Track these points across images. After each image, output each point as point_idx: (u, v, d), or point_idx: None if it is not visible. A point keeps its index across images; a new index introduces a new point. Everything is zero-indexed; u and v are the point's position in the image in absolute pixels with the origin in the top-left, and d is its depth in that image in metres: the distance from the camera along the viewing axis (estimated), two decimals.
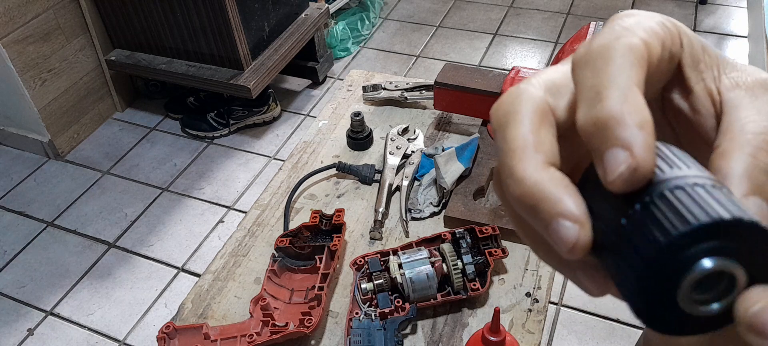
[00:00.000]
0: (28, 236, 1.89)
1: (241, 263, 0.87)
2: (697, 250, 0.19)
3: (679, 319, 0.20)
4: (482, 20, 2.71)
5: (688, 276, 0.19)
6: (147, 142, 2.21)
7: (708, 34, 2.53)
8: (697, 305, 0.20)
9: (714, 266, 0.19)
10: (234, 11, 1.87)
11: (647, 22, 0.23)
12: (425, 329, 0.76)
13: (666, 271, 0.19)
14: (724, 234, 0.19)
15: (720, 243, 0.19)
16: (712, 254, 0.19)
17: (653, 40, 0.22)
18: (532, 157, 0.21)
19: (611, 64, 0.20)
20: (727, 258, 0.19)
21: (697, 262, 0.19)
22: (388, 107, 1.10)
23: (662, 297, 0.20)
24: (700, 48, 0.24)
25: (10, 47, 1.90)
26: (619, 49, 0.21)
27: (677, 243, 0.19)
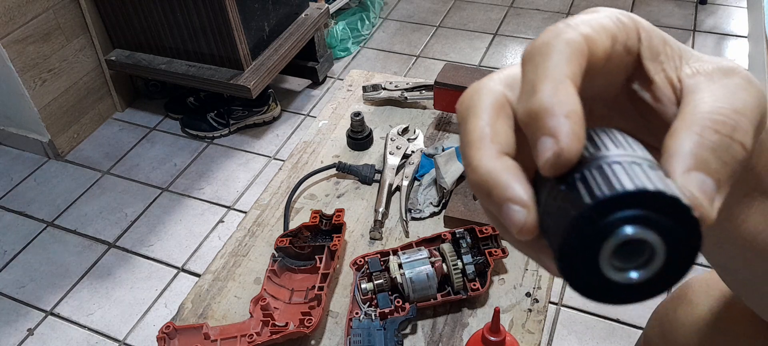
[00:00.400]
0: (28, 236, 1.89)
1: (241, 263, 0.87)
2: (620, 216, 0.20)
3: (601, 284, 0.21)
4: (482, 20, 2.71)
5: (610, 240, 0.20)
6: (147, 142, 2.21)
7: (708, 34, 2.53)
8: (618, 271, 0.21)
9: (633, 233, 0.20)
10: (234, 11, 1.87)
11: (596, 17, 0.24)
12: (425, 329, 0.76)
13: (589, 232, 0.20)
14: (648, 205, 0.20)
15: (644, 214, 0.20)
16: (635, 223, 0.20)
17: (598, 34, 0.23)
18: (487, 148, 0.23)
19: (548, 60, 0.22)
20: (648, 229, 0.20)
21: (619, 227, 0.20)
22: (388, 107, 1.10)
23: (585, 260, 0.21)
24: (661, 41, 0.25)
25: (10, 47, 1.89)
26: (556, 46, 0.22)
27: (601, 205, 0.20)
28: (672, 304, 0.71)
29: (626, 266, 0.21)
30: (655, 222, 0.20)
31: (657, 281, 0.22)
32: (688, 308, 0.67)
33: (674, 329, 0.69)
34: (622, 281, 0.21)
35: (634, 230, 0.20)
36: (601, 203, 0.20)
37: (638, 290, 0.22)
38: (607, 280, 0.21)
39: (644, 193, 0.20)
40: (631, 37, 0.25)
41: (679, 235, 0.21)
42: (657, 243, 0.21)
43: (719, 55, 2.41)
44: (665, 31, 0.27)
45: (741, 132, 0.22)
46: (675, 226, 0.20)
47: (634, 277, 0.21)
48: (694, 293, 0.67)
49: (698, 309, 0.66)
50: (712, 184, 0.21)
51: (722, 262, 0.36)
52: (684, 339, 0.67)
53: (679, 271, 0.22)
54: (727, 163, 0.21)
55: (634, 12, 2.71)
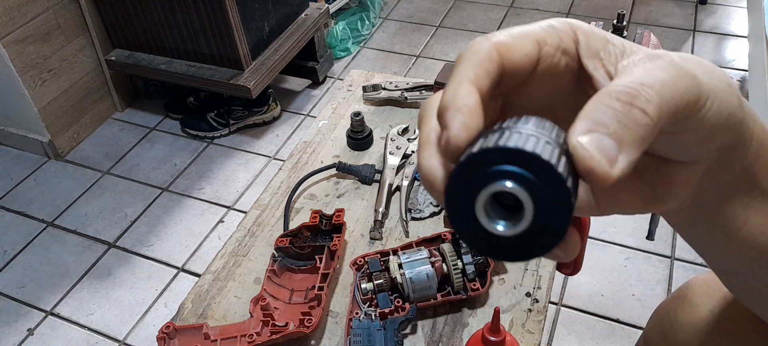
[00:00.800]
0: (28, 236, 1.89)
1: (241, 263, 0.87)
2: (498, 169, 0.23)
3: (475, 230, 0.24)
4: (482, 20, 2.71)
5: (486, 187, 0.23)
6: (147, 142, 2.21)
7: (708, 34, 2.53)
8: (489, 219, 0.24)
9: (506, 187, 0.23)
10: (234, 11, 1.87)
11: (520, 27, 0.28)
12: (425, 329, 0.76)
13: (469, 177, 0.23)
14: (525, 165, 0.22)
15: (519, 172, 0.22)
16: (509, 178, 0.23)
17: (516, 40, 0.27)
18: (431, 149, 0.26)
19: (457, 67, 0.26)
20: (520, 186, 0.23)
21: (495, 179, 0.23)
22: (388, 107, 1.10)
23: (464, 203, 0.24)
24: (601, 40, 0.28)
25: (10, 47, 1.89)
26: (465, 55, 0.26)
27: (482, 154, 0.23)
28: (672, 304, 0.71)
29: (497, 217, 0.24)
30: (528, 181, 0.22)
31: (525, 240, 0.24)
32: (689, 308, 0.67)
33: (675, 330, 0.69)
34: (492, 230, 0.24)
35: (507, 184, 0.23)
36: (483, 152, 0.23)
37: (508, 245, 0.24)
38: (480, 226, 0.24)
39: (520, 152, 0.22)
40: (565, 40, 0.28)
41: (549, 198, 0.22)
42: (526, 201, 0.23)
43: (719, 55, 2.41)
44: (665, 31, 0.27)
45: (642, 100, 0.23)
46: (544, 188, 0.22)
47: (500, 228, 0.24)
48: (694, 294, 0.67)
49: (699, 310, 0.66)
50: (611, 143, 0.23)
51: (726, 267, 0.37)
52: (684, 340, 0.67)
53: (547, 236, 0.23)
54: (628, 126, 0.23)
55: (634, 12, 2.71)
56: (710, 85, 0.26)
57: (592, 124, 0.23)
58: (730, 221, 0.32)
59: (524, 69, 0.27)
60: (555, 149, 0.23)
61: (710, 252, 0.36)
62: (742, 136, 0.29)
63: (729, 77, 0.28)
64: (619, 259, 1.66)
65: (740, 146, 0.29)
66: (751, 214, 0.32)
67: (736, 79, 2.28)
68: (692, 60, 0.27)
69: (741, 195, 0.31)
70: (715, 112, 0.26)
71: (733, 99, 0.27)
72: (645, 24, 2.59)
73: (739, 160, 0.30)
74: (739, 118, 0.28)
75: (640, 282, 1.60)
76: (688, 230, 0.35)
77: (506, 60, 0.27)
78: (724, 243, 0.33)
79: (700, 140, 0.27)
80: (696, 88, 0.25)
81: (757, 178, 0.31)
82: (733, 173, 0.30)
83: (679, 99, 0.25)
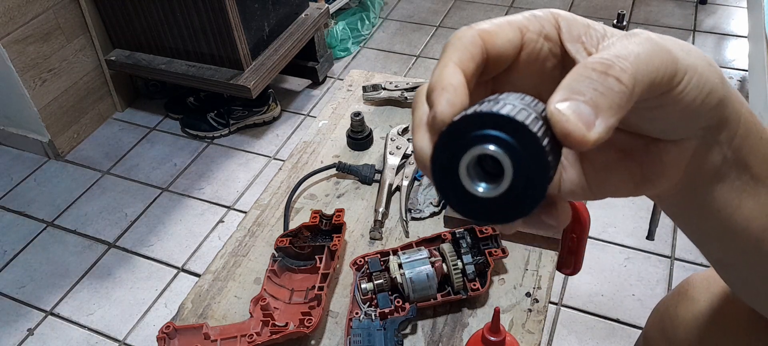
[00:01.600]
0: (28, 236, 1.89)
1: (241, 263, 0.87)
2: (480, 134, 0.24)
3: (460, 194, 0.25)
4: (482, 20, 2.71)
5: (468, 151, 0.24)
6: (147, 142, 2.21)
7: (708, 34, 2.53)
8: (471, 182, 0.25)
9: (487, 149, 0.24)
10: (234, 11, 1.87)
11: (504, 17, 0.29)
12: (425, 329, 0.76)
13: (453, 144, 0.25)
14: (503, 127, 0.24)
15: (500, 136, 0.24)
16: (491, 141, 0.24)
17: (499, 28, 0.29)
18: (422, 131, 0.28)
19: (443, 53, 0.28)
20: (501, 149, 0.24)
21: (477, 143, 0.24)
22: (388, 107, 1.10)
23: (449, 169, 0.25)
24: (583, 26, 0.30)
25: (10, 47, 1.89)
26: (451, 42, 0.28)
27: (463, 121, 0.25)
28: (673, 301, 0.71)
29: (479, 179, 0.25)
30: (506, 143, 0.24)
31: (506, 201, 0.25)
32: (689, 304, 0.67)
33: (675, 326, 0.69)
34: (474, 192, 0.25)
35: (488, 147, 0.24)
36: (462, 119, 0.24)
37: (490, 207, 0.25)
38: (464, 189, 0.25)
39: (497, 115, 0.24)
40: (547, 26, 0.30)
41: (526, 159, 0.24)
42: (505, 162, 0.24)
43: (719, 55, 2.41)
44: (665, 32, 0.28)
45: (616, 69, 0.25)
46: (522, 150, 0.24)
47: (481, 189, 0.25)
48: (694, 290, 0.67)
49: (699, 306, 0.66)
50: (587, 109, 0.24)
51: (722, 256, 0.37)
52: (684, 336, 0.67)
53: (528, 197, 0.24)
54: (603, 93, 0.24)
55: (634, 12, 2.71)
56: (688, 61, 0.27)
57: (569, 93, 0.25)
58: (723, 205, 0.32)
59: (508, 54, 0.29)
60: (532, 115, 0.24)
61: (706, 241, 0.36)
62: (727, 115, 0.30)
63: (709, 58, 0.29)
64: (619, 259, 1.66)
65: (726, 126, 0.30)
66: (744, 198, 0.32)
67: (736, 79, 2.28)
68: (670, 39, 0.28)
69: (733, 179, 0.32)
70: (695, 86, 0.27)
71: (714, 76, 0.28)
72: (645, 24, 2.59)
73: (727, 141, 0.30)
74: (721, 95, 0.28)
75: (640, 282, 1.60)
76: (683, 217, 0.35)
77: (489, 45, 0.28)
78: (719, 230, 0.33)
79: (683, 115, 0.28)
80: (672, 62, 0.26)
81: (747, 161, 0.31)
82: (723, 155, 0.31)
83: (654, 71, 0.26)
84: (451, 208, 0.26)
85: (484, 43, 0.28)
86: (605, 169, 0.31)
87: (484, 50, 0.28)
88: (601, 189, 0.31)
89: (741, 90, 2.23)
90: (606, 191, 0.31)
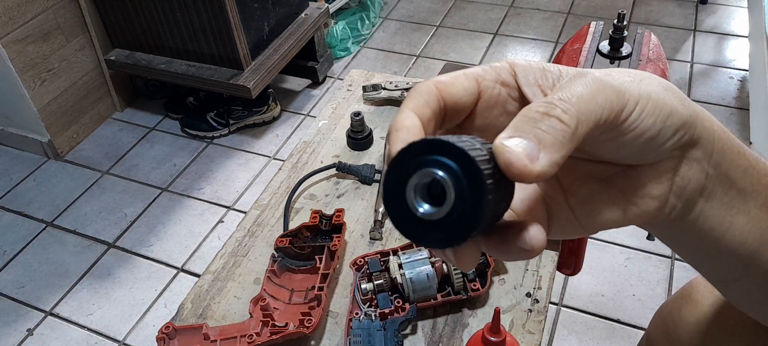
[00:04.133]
0: (28, 236, 1.89)
1: (241, 263, 0.87)
2: (428, 159, 0.26)
3: (402, 211, 0.27)
4: (482, 20, 2.71)
5: (416, 173, 0.26)
6: (147, 142, 2.20)
7: (708, 34, 2.52)
8: (415, 201, 0.27)
9: (432, 173, 0.26)
10: (234, 11, 1.87)
11: (462, 70, 0.32)
12: (425, 330, 0.76)
13: (403, 167, 0.27)
14: (452, 155, 0.26)
15: (450, 164, 0.26)
16: (435, 166, 0.26)
17: (455, 79, 0.31)
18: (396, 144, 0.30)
19: (404, 102, 0.31)
20: (444, 173, 0.26)
21: (424, 167, 0.26)
22: (388, 107, 1.10)
23: (397, 187, 0.27)
24: (539, 70, 0.31)
25: (10, 47, 1.89)
26: (409, 93, 0.31)
27: (415, 147, 0.27)
28: (676, 303, 0.71)
29: (423, 201, 0.27)
30: (451, 169, 0.26)
31: (448, 223, 0.26)
32: (693, 307, 0.67)
33: (678, 329, 0.69)
34: (417, 212, 0.27)
35: (433, 173, 0.26)
36: (415, 144, 0.27)
37: (433, 228, 0.27)
38: (408, 208, 0.27)
39: (444, 143, 0.26)
40: (503, 74, 0.32)
41: (466, 184, 0.25)
42: (448, 185, 0.26)
43: (719, 55, 2.41)
44: (665, 31, 0.28)
45: (558, 110, 0.27)
46: (463, 174, 0.25)
47: (424, 209, 0.27)
48: (698, 293, 0.67)
49: (702, 308, 0.65)
50: (531, 145, 0.26)
51: (724, 275, 0.37)
52: (688, 338, 0.66)
53: (467, 220, 0.26)
54: (547, 131, 0.26)
55: (634, 12, 2.71)
56: (640, 90, 0.29)
57: (514, 131, 0.27)
58: (716, 224, 0.33)
59: (464, 101, 0.31)
60: (478, 148, 0.26)
61: (704, 262, 0.37)
62: (698, 133, 0.31)
63: (667, 82, 0.30)
64: (619, 259, 1.66)
65: (700, 143, 0.31)
66: (734, 214, 0.33)
67: (737, 79, 2.28)
68: (618, 73, 0.30)
69: (720, 195, 0.32)
70: (650, 113, 0.29)
71: (672, 99, 0.29)
72: (645, 24, 2.58)
73: (705, 157, 0.31)
74: (684, 115, 0.30)
75: (640, 282, 1.60)
76: (678, 241, 0.36)
77: (446, 94, 0.31)
78: (715, 250, 0.34)
79: (647, 140, 0.29)
80: (617, 96, 0.28)
81: (730, 175, 0.32)
82: (705, 172, 0.31)
83: (598, 108, 0.27)
84: (396, 228, 0.28)
85: (440, 92, 0.31)
86: (590, 200, 0.32)
87: (440, 98, 0.31)
88: (591, 222, 0.32)
89: (741, 90, 2.23)
90: (596, 222, 0.32)
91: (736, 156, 0.32)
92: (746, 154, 0.33)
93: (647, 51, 0.95)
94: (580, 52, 0.95)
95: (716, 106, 2.16)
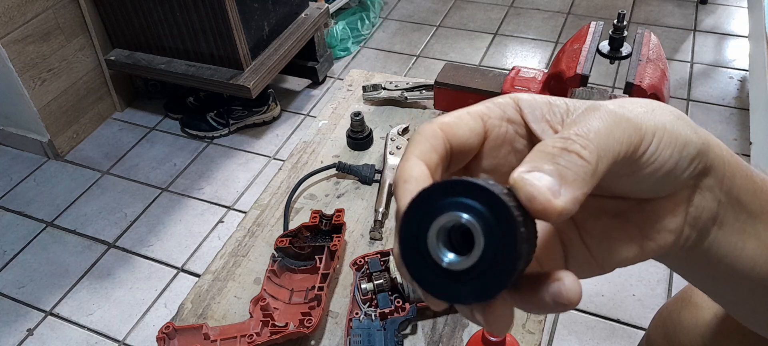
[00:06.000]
0: (28, 236, 1.89)
1: (241, 263, 0.87)
2: (450, 202, 0.23)
3: (426, 264, 0.24)
4: (482, 20, 2.71)
5: (436, 219, 0.24)
6: (147, 142, 2.20)
7: (708, 33, 2.52)
8: (440, 251, 0.24)
9: (456, 218, 0.23)
10: (234, 11, 1.87)
11: (465, 108, 0.30)
12: (425, 330, 0.76)
13: (419, 216, 0.24)
14: (479, 198, 0.23)
15: (473, 205, 0.23)
16: (464, 212, 0.23)
17: (459, 119, 0.30)
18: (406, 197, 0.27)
19: (408, 148, 0.29)
20: (473, 218, 0.23)
21: (445, 212, 0.23)
22: (388, 107, 1.10)
23: (415, 242, 0.24)
24: (545, 104, 0.30)
25: (10, 47, 1.89)
26: (414, 137, 0.29)
27: (429, 192, 0.24)
28: (676, 306, 0.71)
29: (447, 249, 0.24)
30: (475, 211, 0.23)
31: (479, 272, 0.23)
32: (693, 310, 0.67)
33: (678, 332, 0.69)
34: (442, 262, 0.24)
35: (459, 216, 0.23)
36: (429, 190, 0.24)
37: (462, 280, 0.24)
38: (432, 260, 0.24)
39: (470, 184, 0.23)
40: (508, 111, 0.30)
41: (495, 225, 0.23)
42: (476, 229, 0.23)
43: (719, 55, 2.41)
44: (665, 31, 0.28)
45: (577, 146, 0.25)
46: (490, 215, 0.23)
47: (449, 258, 0.24)
48: (698, 296, 0.67)
49: (703, 312, 0.65)
50: (551, 180, 0.25)
51: (732, 299, 0.37)
52: (688, 341, 0.67)
53: (501, 267, 0.23)
54: (568, 167, 0.25)
55: (634, 12, 2.71)
56: (654, 122, 0.28)
57: (531, 166, 0.25)
58: (730, 250, 0.32)
59: (471, 142, 0.30)
60: (496, 186, 0.24)
61: (717, 288, 0.36)
62: (711, 160, 0.30)
63: (677, 111, 0.29)
64: None
65: (712, 171, 0.30)
66: (746, 238, 0.32)
67: (737, 79, 2.28)
68: (631, 104, 0.28)
69: (732, 221, 0.32)
70: (667, 144, 0.28)
71: (685, 129, 0.29)
72: (645, 24, 2.58)
73: (717, 184, 0.31)
74: (698, 144, 0.29)
75: (640, 282, 1.60)
76: (692, 269, 0.35)
77: (451, 136, 0.29)
78: (727, 275, 0.34)
79: (665, 173, 0.28)
80: (634, 130, 0.27)
81: (740, 199, 0.32)
82: (717, 199, 0.31)
83: (617, 144, 0.26)
84: (419, 286, 0.25)
85: (445, 134, 0.29)
86: (606, 238, 0.31)
87: (446, 141, 0.29)
88: (609, 259, 0.31)
89: (741, 90, 2.23)
90: (613, 260, 0.31)
91: (745, 180, 0.32)
92: (754, 177, 0.32)
93: (647, 51, 0.95)
94: (580, 52, 0.95)
95: (716, 106, 2.16)
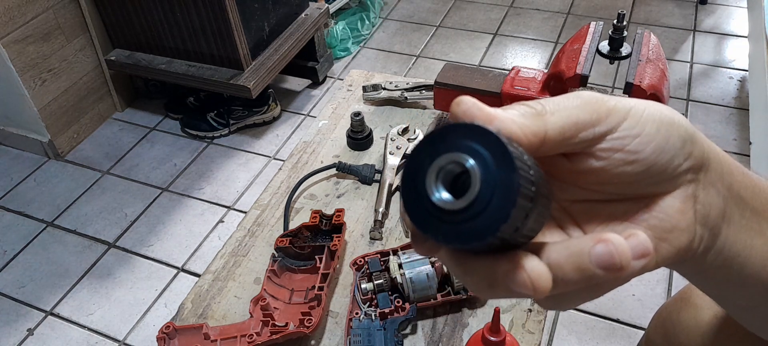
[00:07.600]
0: (28, 236, 1.89)
1: (241, 263, 0.87)
2: (461, 144, 0.24)
3: (418, 199, 0.24)
4: (482, 20, 2.71)
5: (443, 155, 0.24)
6: (147, 142, 2.20)
7: (708, 34, 2.52)
8: (434, 186, 0.24)
9: (458, 157, 0.23)
10: (234, 11, 1.87)
11: None
12: (425, 329, 0.76)
13: (432, 147, 0.24)
14: (487, 145, 0.23)
15: (479, 151, 0.23)
16: (470, 156, 0.23)
17: None
18: None
19: None
20: (475, 164, 0.23)
21: (452, 151, 0.24)
22: (388, 107, 1.10)
23: (418, 170, 0.24)
24: None
25: (10, 47, 1.89)
26: None
27: (445, 129, 0.24)
28: (675, 306, 0.71)
29: (443, 187, 0.24)
30: (482, 158, 0.23)
31: (463, 218, 0.23)
32: (692, 311, 0.67)
33: (677, 332, 0.69)
34: (432, 197, 0.24)
35: (461, 155, 0.24)
36: (445, 128, 0.24)
37: (445, 219, 0.24)
38: (425, 193, 0.24)
39: (482, 131, 0.23)
40: None
41: (496, 178, 0.23)
42: (474, 173, 0.23)
43: (719, 55, 2.41)
44: (665, 31, 0.29)
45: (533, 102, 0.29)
46: (495, 166, 0.23)
47: (439, 196, 0.24)
48: (697, 296, 0.67)
49: (702, 313, 0.66)
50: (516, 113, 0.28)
51: (744, 303, 0.37)
52: (687, 342, 0.67)
53: (487, 219, 0.23)
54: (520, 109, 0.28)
55: (634, 12, 2.71)
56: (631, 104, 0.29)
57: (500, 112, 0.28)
58: (741, 248, 0.33)
59: None
60: (521, 153, 0.24)
61: (731, 292, 0.36)
62: (705, 153, 0.30)
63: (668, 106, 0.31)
64: None
65: (709, 165, 0.31)
66: (753, 236, 0.33)
67: (737, 79, 2.28)
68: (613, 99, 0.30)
69: (738, 217, 0.32)
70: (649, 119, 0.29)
71: (673, 113, 0.30)
72: (645, 24, 2.58)
73: (718, 179, 0.31)
74: (686, 127, 0.30)
75: (640, 282, 1.60)
76: (710, 276, 0.35)
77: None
78: (741, 277, 0.34)
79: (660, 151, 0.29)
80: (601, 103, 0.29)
81: (742, 196, 0.32)
82: (722, 195, 0.31)
83: (575, 109, 0.28)
84: (405, 210, 0.25)
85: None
86: None
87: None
88: None
89: (741, 90, 2.23)
90: None
91: (743, 177, 0.32)
92: (750, 175, 0.33)
93: (647, 51, 0.95)
94: (579, 52, 0.95)
95: (716, 106, 2.16)
